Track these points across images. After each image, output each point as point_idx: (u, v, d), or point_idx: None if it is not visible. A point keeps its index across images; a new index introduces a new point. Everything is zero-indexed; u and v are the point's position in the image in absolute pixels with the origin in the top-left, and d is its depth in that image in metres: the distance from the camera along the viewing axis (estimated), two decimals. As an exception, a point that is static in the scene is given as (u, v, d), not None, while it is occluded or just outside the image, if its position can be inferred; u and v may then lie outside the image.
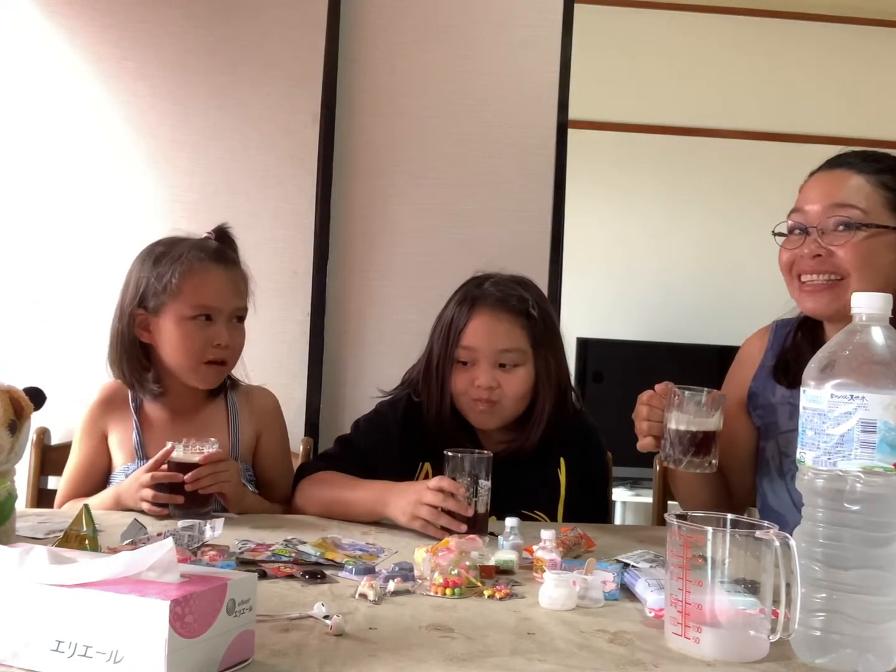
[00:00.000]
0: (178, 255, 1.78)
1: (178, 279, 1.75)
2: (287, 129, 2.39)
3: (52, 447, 2.14)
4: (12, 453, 1.42)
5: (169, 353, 1.78)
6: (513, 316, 1.78)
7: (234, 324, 1.81)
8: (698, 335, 3.94)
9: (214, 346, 1.77)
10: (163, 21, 2.36)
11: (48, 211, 2.34)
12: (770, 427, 1.72)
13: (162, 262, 1.78)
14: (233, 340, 1.79)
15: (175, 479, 1.59)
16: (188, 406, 1.85)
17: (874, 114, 4.18)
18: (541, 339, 1.80)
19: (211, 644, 0.88)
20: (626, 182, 4.18)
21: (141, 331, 1.79)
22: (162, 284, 1.76)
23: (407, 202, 2.45)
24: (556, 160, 2.47)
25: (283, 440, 1.95)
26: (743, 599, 1.03)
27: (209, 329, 1.77)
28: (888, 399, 1.00)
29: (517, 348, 1.78)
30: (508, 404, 1.78)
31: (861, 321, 1.06)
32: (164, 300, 1.76)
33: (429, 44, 2.46)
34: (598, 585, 1.22)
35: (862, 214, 1.54)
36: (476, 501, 1.53)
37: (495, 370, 1.76)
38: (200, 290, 1.76)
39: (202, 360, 1.77)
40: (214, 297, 1.77)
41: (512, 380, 1.77)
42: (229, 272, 1.81)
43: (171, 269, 1.76)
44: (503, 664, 0.98)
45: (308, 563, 1.32)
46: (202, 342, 1.76)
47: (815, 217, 1.57)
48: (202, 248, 1.80)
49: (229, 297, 1.79)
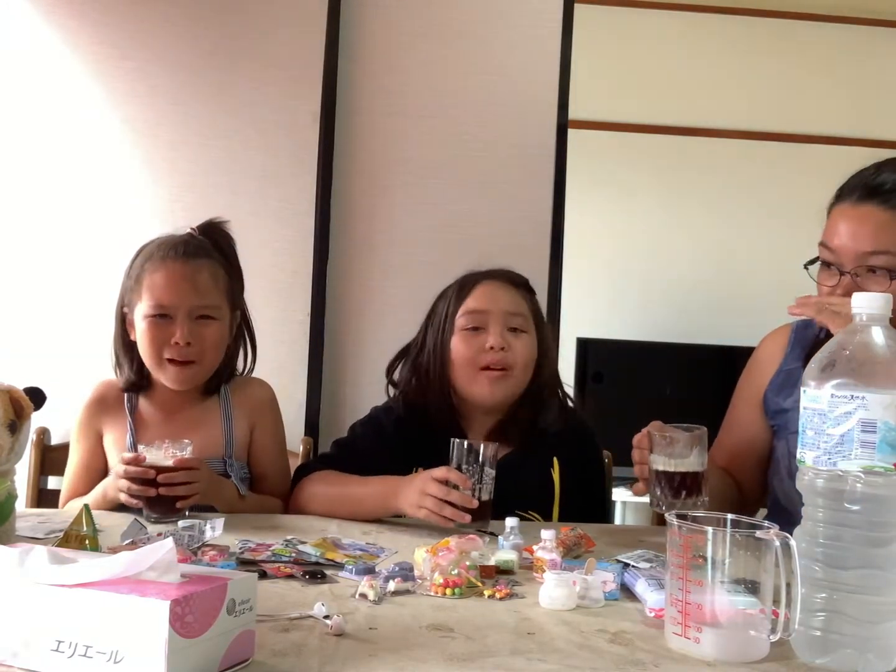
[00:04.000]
0: (148, 252, 1.78)
1: (139, 276, 1.76)
2: (287, 129, 2.39)
3: (52, 447, 2.14)
4: (12, 453, 1.42)
5: (140, 351, 1.78)
6: (516, 286, 1.82)
7: (198, 321, 1.75)
8: (698, 335, 3.93)
9: (173, 345, 1.73)
10: (162, 21, 2.36)
11: (48, 211, 2.34)
12: (781, 428, 1.72)
13: (136, 259, 1.80)
14: (197, 339, 1.74)
15: (146, 475, 1.56)
16: (181, 404, 1.82)
17: (875, 114, 4.17)
18: (539, 318, 1.84)
19: (211, 644, 0.88)
20: (626, 182, 4.18)
21: (129, 328, 1.80)
22: (131, 282, 1.78)
23: (407, 202, 2.45)
24: (556, 160, 2.47)
25: (277, 433, 1.92)
26: (743, 599, 1.03)
27: (168, 327, 1.73)
28: (888, 399, 1.00)
29: (523, 314, 1.79)
30: (518, 372, 1.77)
31: (861, 321, 1.06)
32: (133, 299, 1.78)
33: (429, 44, 2.46)
34: (598, 585, 1.22)
35: (895, 259, 1.51)
36: (480, 489, 1.53)
37: (505, 333, 1.76)
38: (155, 288, 1.74)
39: (163, 358, 1.75)
40: (168, 294, 1.73)
41: (521, 344, 1.77)
42: (189, 268, 1.75)
43: (139, 266, 1.77)
44: (503, 664, 0.98)
45: (308, 563, 1.32)
46: (160, 340, 1.74)
47: (848, 261, 1.55)
48: (166, 244, 1.78)
49: (185, 295, 1.73)
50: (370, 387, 1.91)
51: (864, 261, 1.53)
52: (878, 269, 1.52)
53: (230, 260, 1.85)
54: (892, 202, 1.53)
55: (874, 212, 1.54)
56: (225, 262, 1.83)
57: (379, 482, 1.66)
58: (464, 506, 1.51)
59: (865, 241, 1.53)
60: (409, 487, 1.58)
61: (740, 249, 4.05)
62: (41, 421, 2.09)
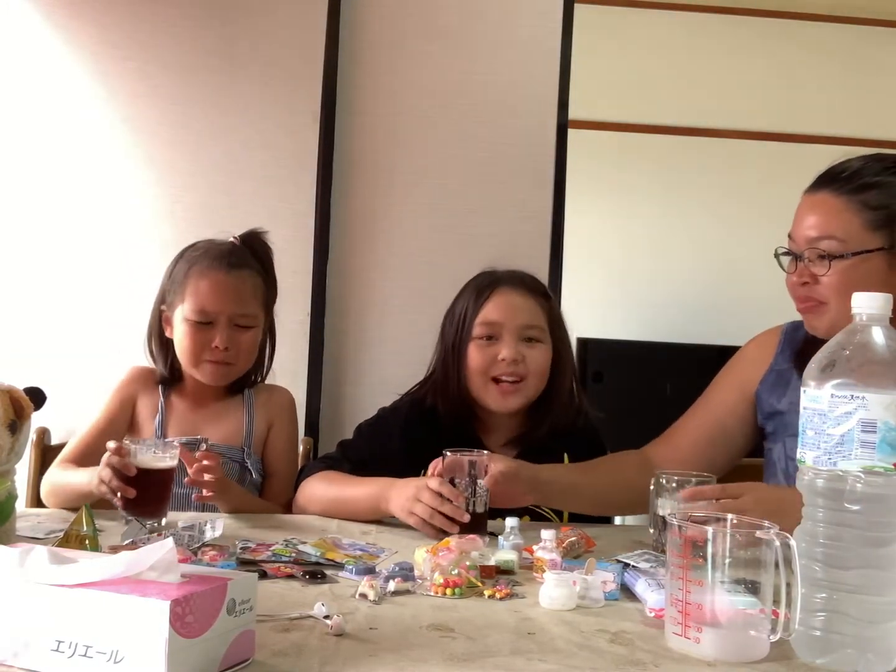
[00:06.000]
0: (193, 257, 1.85)
1: (185, 281, 1.83)
2: (287, 129, 2.40)
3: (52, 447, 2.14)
4: (12, 453, 1.42)
5: (177, 349, 1.86)
6: (533, 295, 1.82)
7: (236, 328, 1.83)
8: (698, 335, 3.93)
9: (212, 349, 1.82)
10: (163, 21, 2.36)
11: (48, 211, 2.34)
12: (777, 431, 1.72)
13: (180, 262, 1.87)
14: (234, 344, 1.83)
15: (128, 470, 1.52)
16: (208, 397, 1.91)
17: (874, 114, 4.17)
18: (556, 324, 1.85)
19: (211, 644, 0.88)
20: (627, 182, 4.18)
21: (165, 325, 1.88)
22: (174, 285, 1.85)
23: (407, 202, 2.45)
24: (556, 160, 2.47)
25: (292, 437, 1.99)
26: (743, 599, 1.03)
27: (209, 332, 1.82)
28: (888, 399, 1.00)
29: (538, 325, 1.80)
30: (532, 381, 1.79)
31: (861, 321, 1.06)
32: (174, 300, 1.85)
33: (429, 44, 2.46)
34: (598, 585, 1.22)
35: (839, 244, 1.54)
36: (474, 502, 1.53)
37: (519, 344, 1.77)
38: (200, 295, 1.82)
39: (201, 360, 1.83)
40: (212, 301, 1.81)
41: (536, 355, 1.79)
42: (232, 278, 1.83)
43: (183, 270, 1.84)
44: (503, 664, 0.98)
45: (308, 563, 1.32)
46: (200, 344, 1.82)
47: (801, 246, 1.59)
48: (212, 252, 1.85)
49: (228, 303, 1.82)
50: (370, 387, 1.91)
51: (812, 244, 1.56)
52: (820, 253, 1.55)
53: (267, 270, 1.93)
54: (845, 188, 1.56)
55: (826, 199, 1.57)
56: (263, 273, 1.91)
57: (373, 484, 1.66)
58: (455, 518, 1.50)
59: (814, 227, 1.57)
60: (402, 492, 1.57)
61: (740, 249, 4.04)
62: (41, 421, 2.09)
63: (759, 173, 4.10)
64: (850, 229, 1.54)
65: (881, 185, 1.56)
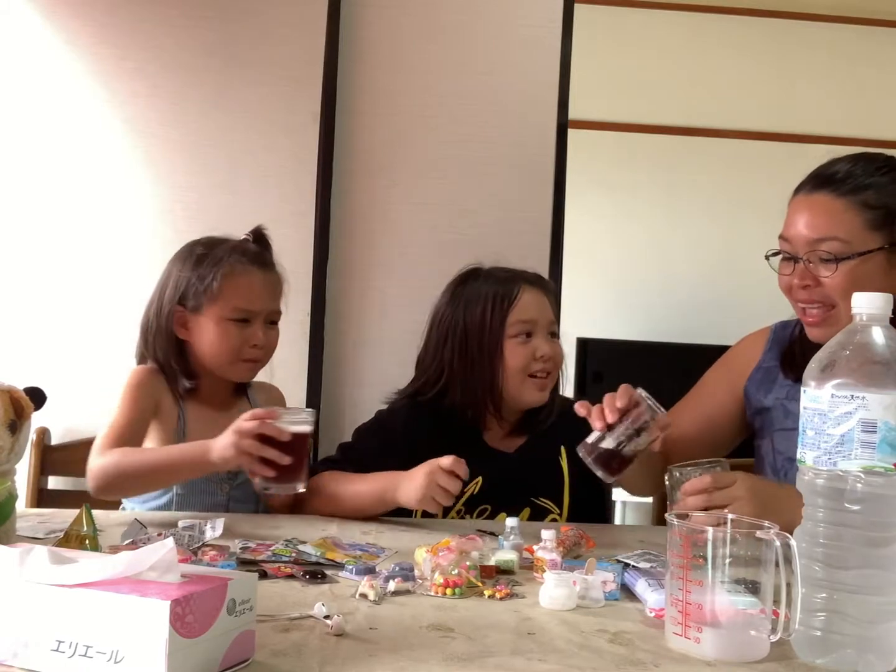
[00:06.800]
0: (220, 257, 1.83)
1: (220, 281, 1.80)
2: (287, 129, 2.39)
3: (52, 447, 2.14)
4: (13, 453, 1.42)
5: (206, 350, 1.83)
6: (547, 291, 1.90)
7: (268, 325, 1.86)
8: (698, 335, 3.93)
9: (251, 347, 1.83)
10: (162, 21, 2.36)
11: (48, 211, 2.34)
12: (765, 426, 1.75)
13: (203, 262, 1.83)
14: (267, 341, 1.85)
15: (281, 435, 1.52)
16: (219, 400, 1.89)
17: (874, 114, 4.18)
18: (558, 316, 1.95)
19: (211, 644, 0.88)
20: (626, 182, 4.18)
21: (178, 327, 1.84)
22: (204, 285, 1.81)
23: (407, 202, 2.45)
24: (556, 160, 2.47)
25: None
26: (743, 599, 1.04)
27: (246, 330, 1.82)
28: (888, 399, 1.00)
29: (557, 319, 1.91)
30: (555, 375, 1.89)
31: (861, 321, 1.06)
32: (205, 300, 1.81)
33: (429, 44, 2.46)
34: (598, 585, 1.22)
35: (843, 245, 1.54)
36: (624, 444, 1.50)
37: (549, 340, 1.85)
38: (240, 294, 1.81)
39: (239, 359, 1.83)
40: (253, 300, 1.83)
41: (559, 350, 1.88)
42: (267, 276, 1.86)
43: (212, 270, 1.81)
44: (504, 664, 0.98)
45: (308, 563, 1.32)
46: (239, 342, 1.82)
47: (800, 248, 1.58)
48: (244, 251, 1.85)
49: (266, 301, 1.85)
50: (370, 387, 1.91)
51: (815, 247, 1.56)
52: (826, 256, 1.55)
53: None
54: (842, 190, 1.56)
55: (825, 200, 1.57)
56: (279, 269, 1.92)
57: (377, 478, 1.68)
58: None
59: (815, 228, 1.57)
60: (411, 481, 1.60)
61: (740, 249, 4.04)
62: (41, 421, 2.09)
63: (759, 173, 4.10)
64: (853, 230, 1.55)
65: (877, 185, 1.57)
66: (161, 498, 1.78)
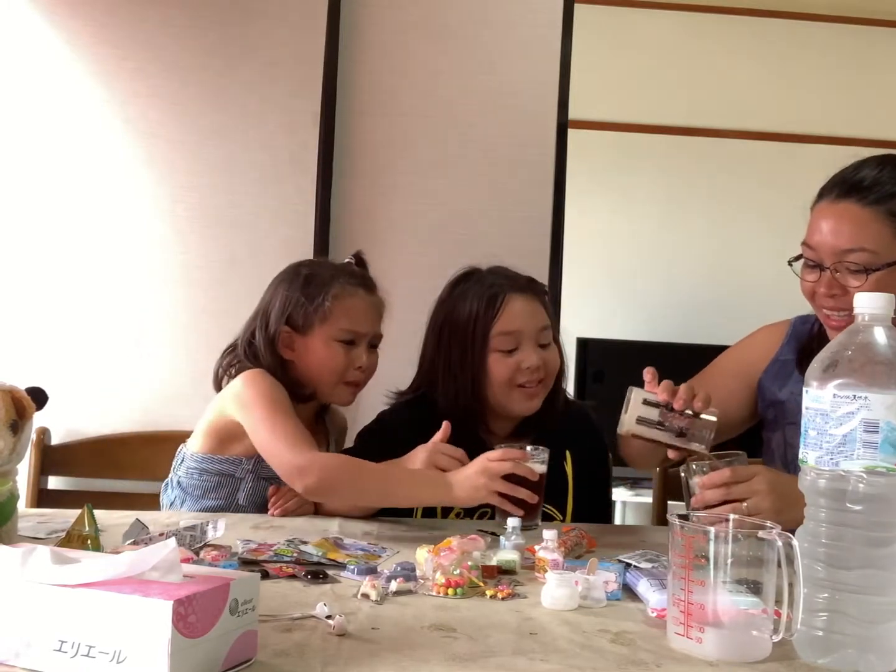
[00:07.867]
0: (329, 278, 1.84)
1: (331, 303, 1.81)
2: (287, 129, 2.39)
3: (52, 447, 2.15)
4: (14, 453, 1.41)
5: (312, 371, 1.83)
6: (537, 296, 1.85)
7: (370, 349, 1.87)
8: (699, 335, 3.93)
9: (356, 369, 1.83)
10: (163, 21, 2.36)
11: (49, 212, 2.34)
12: (778, 419, 1.74)
13: (312, 284, 1.83)
14: (370, 364, 1.86)
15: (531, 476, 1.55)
16: (306, 423, 1.81)
17: (874, 114, 4.18)
18: (554, 322, 1.88)
19: (213, 644, 0.89)
20: (626, 182, 4.18)
21: (284, 348, 1.83)
22: (314, 306, 1.81)
23: (407, 202, 2.45)
24: (556, 160, 2.47)
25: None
26: (745, 599, 1.03)
27: (352, 352, 1.83)
28: (891, 399, 1.00)
29: (548, 326, 1.84)
30: (549, 381, 1.83)
31: (863, 321, 1.06)
32: (314, 321, 1.81)
33: (429, 44, 2.46)
34: (600, 585, 1.22)
35: (872, 256, 1.52)
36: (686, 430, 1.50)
37: (537, 349, 1.80)
38: (349, 314, 1.82)
39: (342, 381, 1.84)
40: (361, 321, 1.84)
41: (551, 356, 1.83)
42: (374, 299, 1.88)
43: (322, 291, 1.82)
44: (505, 664, 0.98)
45: (310, 563, 1.32)
46: (345, 364, 1.82)
47: (826, 257, 1.56)
48: (350, 273, 1.88)
49: (372, 323, 1.87)
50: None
51: (842, 257, 1.54)
52: (855, 267, 1.53)
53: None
54: (870, 199, 1.54)
55: (852, 208, 1.55)
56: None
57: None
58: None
59: (843, 238, 1.54)
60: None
61: (740, 249, 4.05)
62: (42, 421, 2.09)
63: (759, 173, 4.10)
64: (881, 240, 1.53)
65: None
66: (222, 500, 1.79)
